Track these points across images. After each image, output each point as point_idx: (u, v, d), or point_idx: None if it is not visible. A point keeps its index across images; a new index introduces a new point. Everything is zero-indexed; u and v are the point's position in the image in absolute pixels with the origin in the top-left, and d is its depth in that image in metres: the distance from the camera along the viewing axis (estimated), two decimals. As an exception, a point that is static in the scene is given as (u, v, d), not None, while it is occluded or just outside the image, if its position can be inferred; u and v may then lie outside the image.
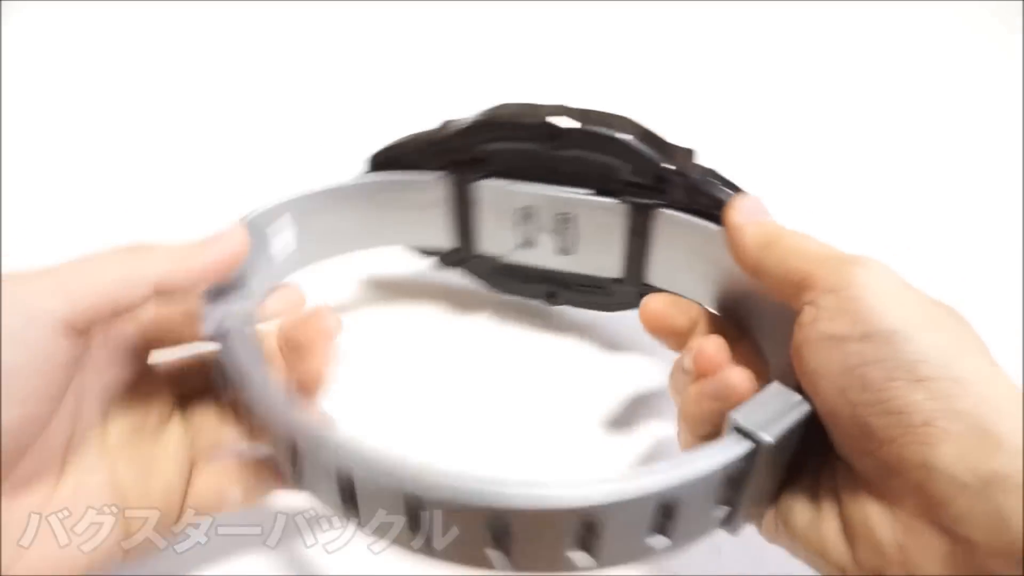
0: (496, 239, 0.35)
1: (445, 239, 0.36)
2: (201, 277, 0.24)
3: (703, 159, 0.30)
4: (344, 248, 0.36)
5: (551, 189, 0.32)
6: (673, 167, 0.29)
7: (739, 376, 0.23)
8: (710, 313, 0.30)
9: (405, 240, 0.37)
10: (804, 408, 0.20)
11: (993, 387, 0.19)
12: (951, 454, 0.18)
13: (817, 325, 0.21)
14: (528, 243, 0.34)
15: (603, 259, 0.33)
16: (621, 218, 0.31)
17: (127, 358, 0.26)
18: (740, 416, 0.20)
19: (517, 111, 0.31)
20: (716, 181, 0.29)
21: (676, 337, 0.29)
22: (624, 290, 0.33)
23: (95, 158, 0.50)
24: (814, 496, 0.23)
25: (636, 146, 0.29)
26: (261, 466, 0.27)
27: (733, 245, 0.26)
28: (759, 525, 0.24)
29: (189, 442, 0.27)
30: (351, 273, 0.41)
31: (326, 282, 0.38)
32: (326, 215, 0.34)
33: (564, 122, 0.30)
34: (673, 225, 0.30)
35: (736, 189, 0.29)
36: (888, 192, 0.47)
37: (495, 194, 0.33)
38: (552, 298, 0.36)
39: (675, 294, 0.30)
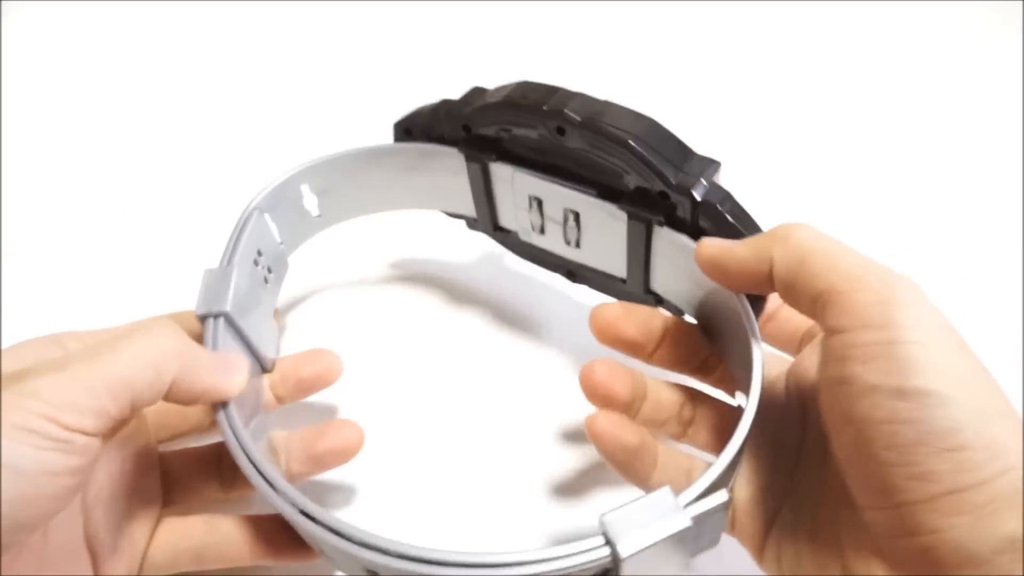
0: (513, 217, 0.34)
1: (470, 210, 0.36)
2: (202, 395, 0.24)
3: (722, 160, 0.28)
4: (374, 208, 0.37)
5: (556, 183, 0.30)
6: (677, 185, 0.27)
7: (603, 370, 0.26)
8: (689, 326, 0.29)
9: (433, 205, 0.37)
10: (683, 521, 0.19)
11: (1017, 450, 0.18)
12: (967, 524, 0.17)
13: (847, 365, 0.19)
14: (540, 229, 0.33)
15: (607, 258, 0.32)
16: (623, 224, 0.29)
17: (130, 449, 0.26)
18: (611, 518, 0.19)
19: (538, 95, 0.29)
20: (720, 206, 0.26)
21: (634, 348, 0.28)
22: (629, 290, 0.32)
23: (96, 158, 0.49)
24: (815, 546, 0.22)
25: (643, 154, 0.27)
26: (230, 532, 0.26)
27: (726, 262, 0.24)
28: (759, 560, 0.24)
29: (161, 492, 0.27)
30: (364, 250, 0.41)
31: (340, 258, 0.40)
32: (356, 176, 0.35)
33: (575, 116, 0.28)
34: (669, 242, 0.28)
35: (744, 214, 0.27)
36: (888, 191, 0.45)
37: (508, 178, 0.32)
38: (572, 277, 0.36)
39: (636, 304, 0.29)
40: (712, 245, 0.24)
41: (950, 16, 0.59)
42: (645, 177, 0.27)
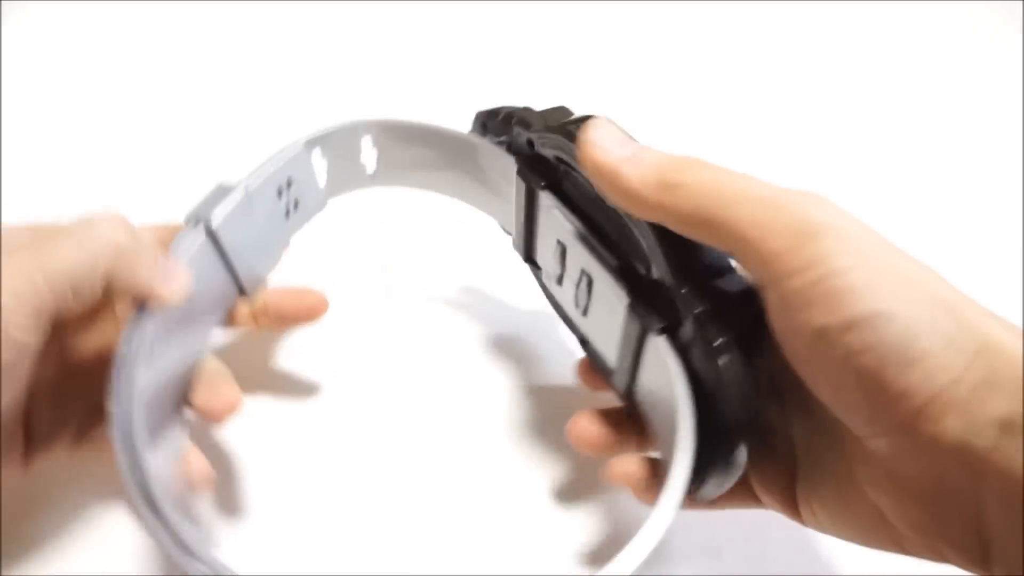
0: (545, 257, 0.30)
1: (512, 227, 0.32)
2: (139, 294, 0.23)
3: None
4: (430, 186, 0.35)
5: (581, 236, 0.26)
6: (693, 303, 0.22)
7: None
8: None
9: (484, 208, 0.34)
10: None
11: (984, 334, 0.17)
12: (958, 423, 0.17)
13: (790, 316, 0.19)
14: (558, 280, 0.29)
15: (606, 342, 0.27)
16: (623, 312, 0.25)
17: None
18: None
19: None
20: (718, 339, 0.21)
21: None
22: (615, 386, 0.27)
23: (96, 158, 0.47)
24: (837, 488, 0.21)
25: (665, 237, 0.22)
26: None
27: (611, 185, 0.22)
28: (801, 522, 0.23)
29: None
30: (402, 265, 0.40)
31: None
32: (417, 148, 0.33)
33: None
34: (657, 357, 0.23)
35: (748, 383, 0.21)
36: (889, 191, 0.46)
37: (548, 210, 0.28)
38: (585, 345, 0.31)
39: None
40: (601, 152, 0.22)
41: (950, 16, 0.60)
42: (658, 266, 0.23)
